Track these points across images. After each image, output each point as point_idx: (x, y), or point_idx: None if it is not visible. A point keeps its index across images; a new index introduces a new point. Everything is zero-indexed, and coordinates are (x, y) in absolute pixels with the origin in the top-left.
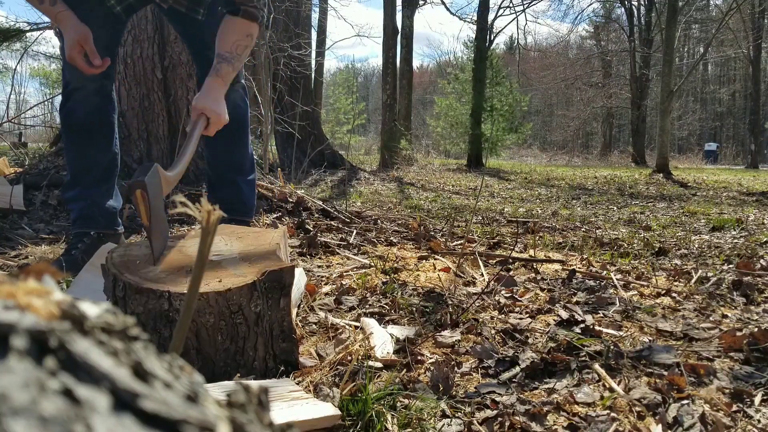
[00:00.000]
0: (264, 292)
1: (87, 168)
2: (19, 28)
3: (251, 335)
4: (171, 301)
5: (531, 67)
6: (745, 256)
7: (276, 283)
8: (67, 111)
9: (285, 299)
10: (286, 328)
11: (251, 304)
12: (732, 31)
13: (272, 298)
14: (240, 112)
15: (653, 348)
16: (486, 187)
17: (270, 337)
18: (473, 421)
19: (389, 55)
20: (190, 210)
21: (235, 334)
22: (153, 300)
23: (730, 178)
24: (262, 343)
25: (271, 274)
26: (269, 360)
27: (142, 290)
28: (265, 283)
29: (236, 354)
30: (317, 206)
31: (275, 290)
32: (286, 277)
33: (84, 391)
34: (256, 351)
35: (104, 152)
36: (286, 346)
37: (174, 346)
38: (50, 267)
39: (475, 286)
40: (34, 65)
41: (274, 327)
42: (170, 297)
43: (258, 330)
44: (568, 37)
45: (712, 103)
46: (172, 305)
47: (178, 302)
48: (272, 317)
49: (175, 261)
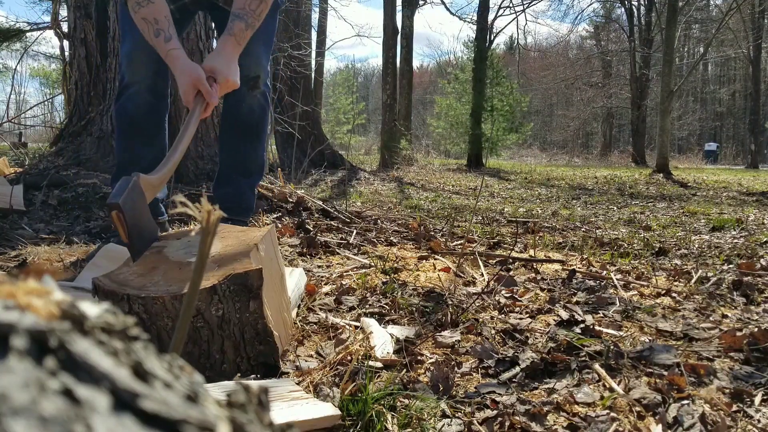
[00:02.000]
0: (229, 296)
1: (132, 160)
2: (19, 28)
3: (215, 338)
4: (130, 304)
5: (531, 67)
6: (747, 257)
7: (241, 287)
8: (120, 105)
9: (255, 302)
10: (261, 330)
11: (211, 307)
12: (732, 31)
13: (240, 301)
14: (254, 117)
15: (653, 348)
16: (486, 187)
17: (242, 341)
18: (473, 421)
19: (389, 55)
20: (190, 210)
21: (198, 338)
22: (116, 302)
23: (730, 178)
24: (231, 346)
25: (234, 278)
26: (242, 363)
27: (107, 292)
28: (228, 287)
29: (200, 357)
30: (317, 206)
31: (241, 293)
32: (252, 280)
33: (84, 391)
34: (224, 354)
35: (150, 146)
36: (263, 349)
37: (174, 346)
38: (50, 267)
39: (475, 286)
40: (34, 65)
41: (246, 330)
42: (129, 300)
43: (223, 333)
44: (568, 37)
45: (712, 103)
46: (132, 308)
47: (137, 305)
48: (242, 320)
49: (150, 262)
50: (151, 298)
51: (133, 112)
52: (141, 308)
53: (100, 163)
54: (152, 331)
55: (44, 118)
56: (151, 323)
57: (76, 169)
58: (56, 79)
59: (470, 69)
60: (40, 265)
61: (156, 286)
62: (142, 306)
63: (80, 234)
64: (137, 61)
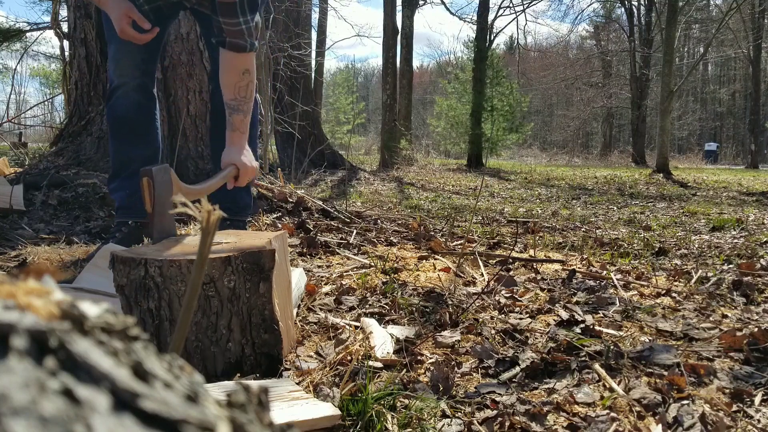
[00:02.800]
0: (241, 272)
1: (127, 160)
2: (19, 28)
3: (224, 312)
4: (147, 268)
5: (531, 67)
6: (747, 257)
7: (254, 265)
8: (110, 107)
9: (265, 284)
10: (268, 317)
11: (224, 278)
12: (732, 31)
13: (250, 281)
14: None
15: (653, 348)
16: (486, 187)
17: (248, 322)
18: (473, 421)
19: (389, 55)
20: (190, 210)
21: (207, 308)
22: (132, 269)
23: (730, 178)
24: (237, 324)
25: (248, 255)
26: (246, 347)
27: (125, 260)
28: (241, 262)
29: (208, 329)
30: (317, 206)
31: (253, 272)
32: (264, 260)
33: (84, 391)
34: (230, 331)
35: (144, 146)
36: (268, 338)
37: (174, 346)
38: (50, 267)
39: (475, 286)
40: (34, 65)
41: (253, 313)
42: (146, 264)
43: (232, 309)
44: (568, 37)
45: (712, 103)
46: (148, 272)
47: (153, 269)
48: (251, 300)
49: (168, 245)
50: (167, 261)
51: (123, 113)
52: (157, 271)
53: (100, 163)
54: (164, 297)
55: (44, 118)
56: (164, 287)
57: (76, 169)
58: (56, 79)
59: (470, 69)
60: (40, 265)
61: (174, 256)
62: (158, 269)
63: (80, 234)
64: (123, 62)
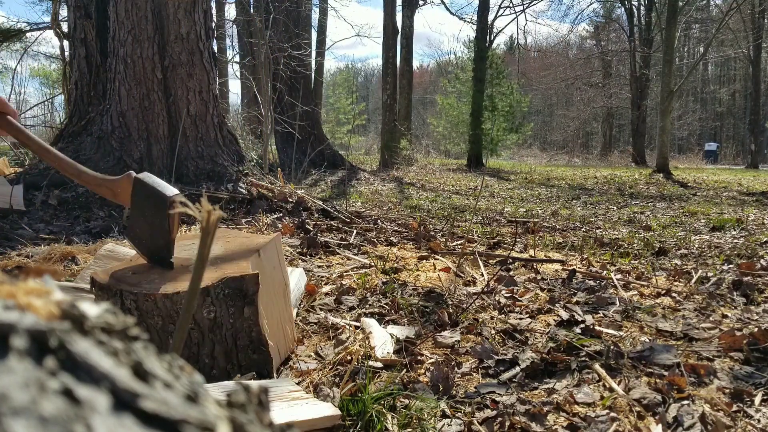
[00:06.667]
0: (222, 299)
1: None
2: (19, 29)
3: (206, 342)
4: (123, 300)
5: (531, 67)
6: (747, 257)
7: (236, 291)
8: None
9: (250, 308)
10: (255, 338)
11: (203, 309)
12: (732, 31)
13: (234, 306)
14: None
15: (653, 348)
16: (486, 187)
17: (234, 347)
18: (473, 421)
19: (389, 55)
20: (190, 210)
21: (187, 340)
22: (110, 297)
23: (730, 178)
24: (221, 353)
25: (229, 281)
26: (232, 371)
27: (102, 286)
28: (222, 290)
29: (189, 360)
30: (317, 206)
31: (236, 298)
32: (247, 285)
33: (84, 391)
34: (214, 360)
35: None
36: (257, 358)
37: (174, 346)
38: (50, 267)
39: (475, 286)
40: (34, 65)
41: (239, 337)
42: (122, 295)
43: (215, 338)
44: (568, 37)
45: (712, 103)
46: (124, 304)
47: (129, 301)
48: (235, 326)
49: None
50: (143, 294)
51: None
52: (133, 304)
53: (100, 163)
54: (143, 328)
55: (44, 118)
56: (141, 320)
57: None
58: (56, 79)
59: (470, 69)
60: (40, 265)
61: (151, 284)
62: (134, 302)
63: (80, 234)
64: None
